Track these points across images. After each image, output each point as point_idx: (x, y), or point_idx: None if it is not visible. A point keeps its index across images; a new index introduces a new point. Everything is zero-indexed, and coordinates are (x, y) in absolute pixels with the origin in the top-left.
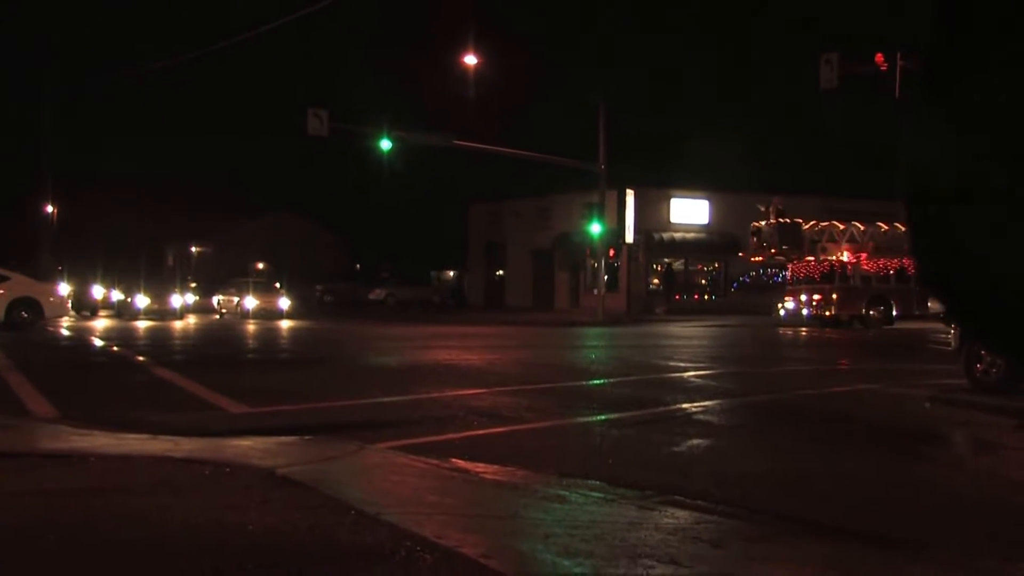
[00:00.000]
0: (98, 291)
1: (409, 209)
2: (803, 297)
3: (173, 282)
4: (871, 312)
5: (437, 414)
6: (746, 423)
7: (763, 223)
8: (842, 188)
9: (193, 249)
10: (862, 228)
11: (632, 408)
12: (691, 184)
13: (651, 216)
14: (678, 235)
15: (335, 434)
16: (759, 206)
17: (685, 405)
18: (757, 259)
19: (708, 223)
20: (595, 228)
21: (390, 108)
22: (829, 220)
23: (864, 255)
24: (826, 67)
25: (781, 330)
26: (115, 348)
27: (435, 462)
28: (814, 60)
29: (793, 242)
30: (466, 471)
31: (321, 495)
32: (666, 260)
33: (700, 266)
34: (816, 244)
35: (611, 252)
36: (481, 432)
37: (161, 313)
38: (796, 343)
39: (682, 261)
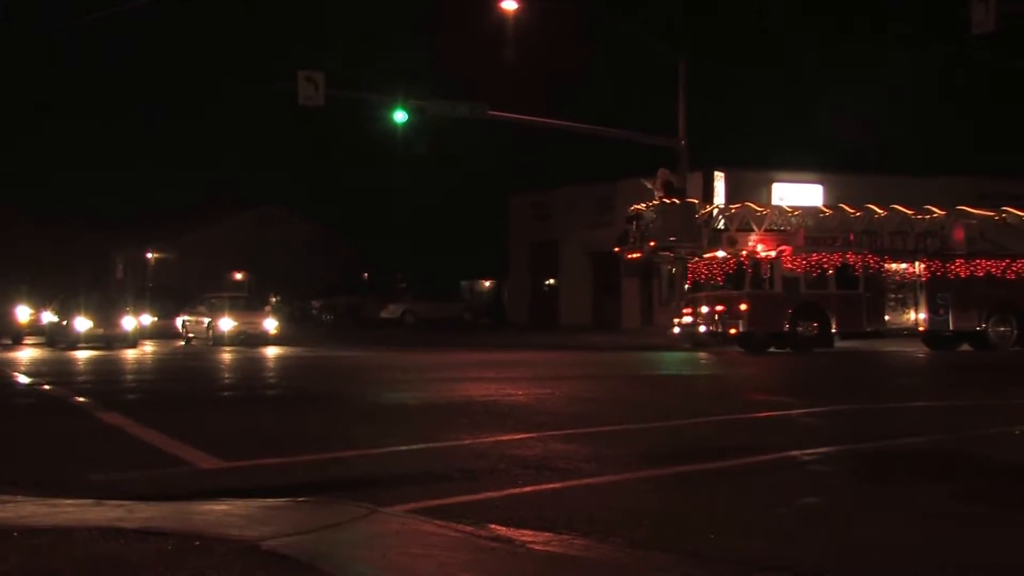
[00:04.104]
0: (23, 312)
1: (432, 202)
2: (703, 309)
3: (124, 299)
4: (799, 328)
5: (471, 466)
6: (873, 475)
7: (644, 205)
8: (998, 166)
9: (150, 256)
10: (791, 211)
11: (724, 456)
12: (798, 164)
13: None
14: None
15: (338, 494)
16: (645, 183)
17: (793, 452)
18: (634, 255)
19: None
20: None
21: (406, 72)
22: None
23: (788, 249)
24: (979, 5)
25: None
26: (46, 386)
27: (469, 529)
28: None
29: (685, 230)
30: (509, 540)
31: (320, 574)
32: None
33: None
34: (722, 234)
35: None
36: (528, 489)
37: (108, 339)
38: (933, 372)
39: None
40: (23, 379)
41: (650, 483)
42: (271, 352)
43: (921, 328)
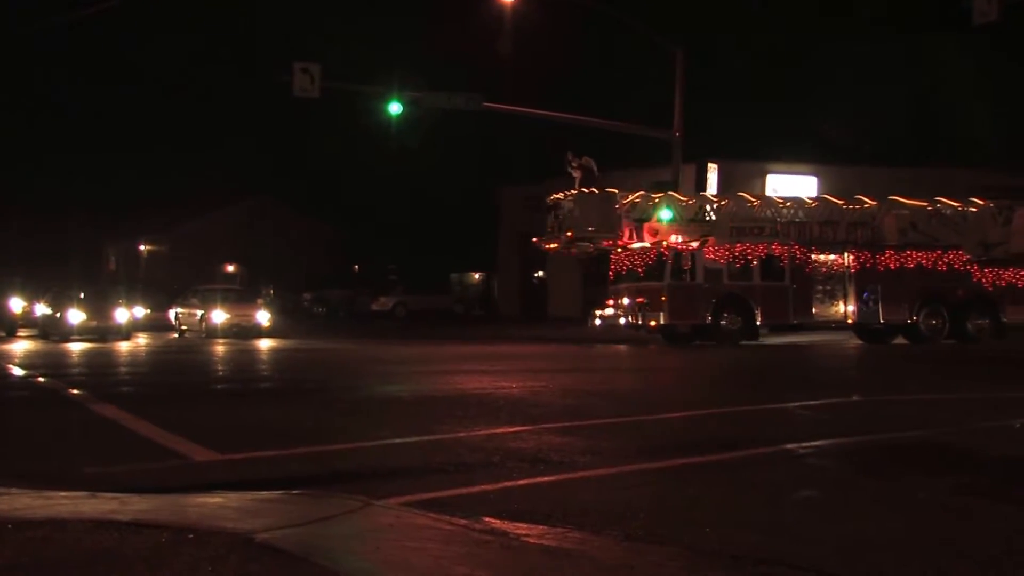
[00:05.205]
0: (17, 304)
1: (423, 194)
2: (625, 300)
3: (117, 291)
4: (722, 320)
5: (465, 459)
6: (872, 469)
7: (563, 194)
8: (996, 158)
9: (142, 248)
10: (718, 202)
11: (719, 449)
12: (793, 155)
13: None
14: None
15: (332, 487)
16: (569, 168)
17: (789, 445)
18: (551, 246)
19: None
20: (665, 214)
21: (402, 63)
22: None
23: (711, 240)
24: None
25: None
26: (40, 378)
27: (463, 522)
28: None
29: (603, 221)
30: (504, 533)
31: (314, 567)
32: None
33: None
34: (643, 224)
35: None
36: (523, 482)
37: (101, 332)
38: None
39: None
40: (17, 371)
41: (645, 476)
42: (264, 345)
43: (850, 320)
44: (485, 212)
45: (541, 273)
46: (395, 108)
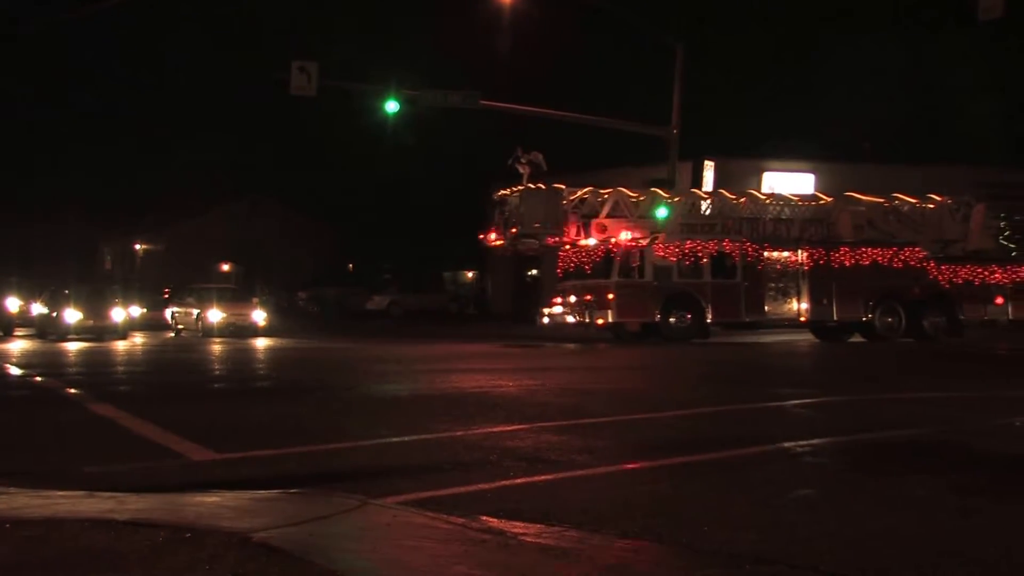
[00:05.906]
0: (13, 303)
1: (417, 192)
2: (572, 298)
3: (113, 291)
4: (671, 318)
5: (462, 458)
6: (869, 467)
7: (510, 190)
8: (997, 156)
9: (138, 247)
10: (670, 198)
11: (716, 448)
12: (790, 152)
13: None
14: None
15: (330, 486)
16: (516, 164)
17: (786, 444)
18: (496, 243)
19: None
20: (660, 212)
21: (401, 60)
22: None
23: (660, 237)
24: None
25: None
26: (38, 378)
27: (460, 521)
28: None
29: (549, 217)
30: (501, 532)
31: (311, 567)
32: None
33: None
34: (591, 220)
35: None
36: (520, 481)
37: (98, 331)
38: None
39: None
40: (15, 371)
41: (642, 475)
42: (260, 343)
43: (803, 318)
44: (479, 210)
45: (534, 271)
46: (392, 106)
